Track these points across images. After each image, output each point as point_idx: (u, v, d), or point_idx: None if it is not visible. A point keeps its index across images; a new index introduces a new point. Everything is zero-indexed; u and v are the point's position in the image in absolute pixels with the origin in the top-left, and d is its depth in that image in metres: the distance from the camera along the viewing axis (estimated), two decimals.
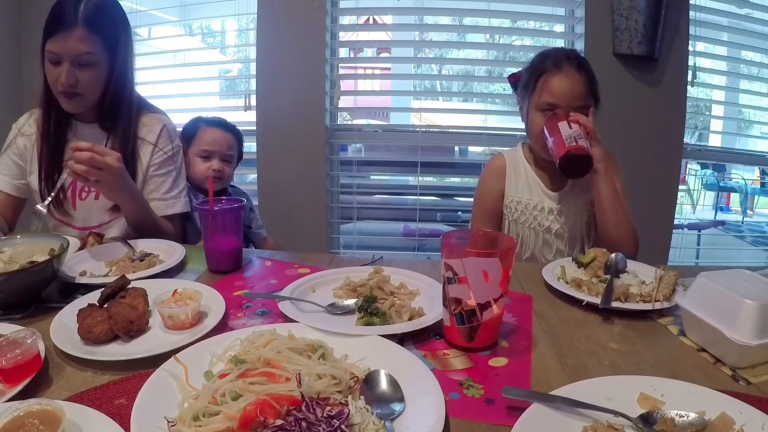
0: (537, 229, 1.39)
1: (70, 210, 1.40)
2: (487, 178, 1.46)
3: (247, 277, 1.09)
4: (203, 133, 1.76)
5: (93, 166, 1.11)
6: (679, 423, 0.57)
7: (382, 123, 3.24)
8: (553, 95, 1.29)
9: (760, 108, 2.98)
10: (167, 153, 1.43)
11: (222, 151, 1.76)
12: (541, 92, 1.31)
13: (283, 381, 0.60)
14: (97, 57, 1.26)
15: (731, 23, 2.49)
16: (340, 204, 2.51)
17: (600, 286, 0.97)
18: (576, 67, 1.31)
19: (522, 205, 1.40)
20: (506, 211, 1.42)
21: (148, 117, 1.43)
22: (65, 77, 1.23)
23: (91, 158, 1.11)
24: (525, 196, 1.40)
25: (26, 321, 0.85)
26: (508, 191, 1.41)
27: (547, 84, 1.30)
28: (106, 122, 1.38)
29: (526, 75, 1.38)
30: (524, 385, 0.69)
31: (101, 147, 1.16)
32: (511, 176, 1.42)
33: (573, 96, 1.29)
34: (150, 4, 2.56)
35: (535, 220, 1.39)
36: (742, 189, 4.78)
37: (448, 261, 0.75)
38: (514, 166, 1.43)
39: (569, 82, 1.29)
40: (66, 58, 1.22)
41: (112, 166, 1.14)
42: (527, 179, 1.42)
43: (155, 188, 1.42)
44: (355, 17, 2.47)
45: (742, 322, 0.71)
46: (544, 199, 1.39)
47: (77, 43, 1.21)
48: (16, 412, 0.54)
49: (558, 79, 1.29)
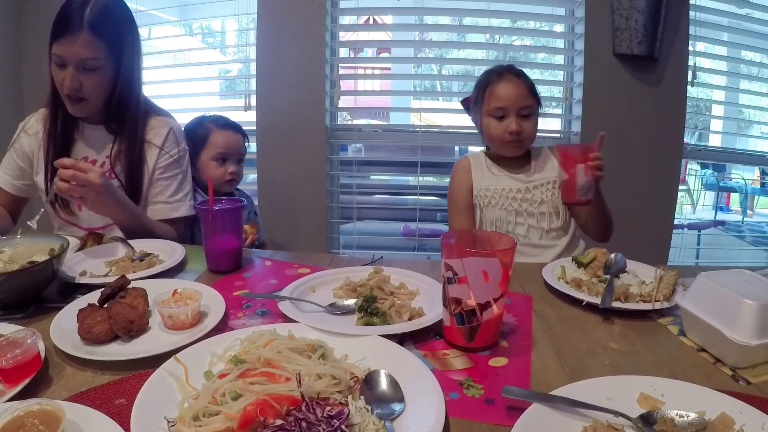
0: (508, 209, 1.50)
1: (75, 210, 1.40)
2: (455, 177, 1.60)
3: (247, 277, 1.09)
4: (216, 137, 1.72)
5: (76, 183, 1.11)
6: (679, 423, 0.57)
7: (382, 123, 3.24)
8: (500, 99, 1.45)
9: (760, 108, 2.97)
10: (173, 156, 1.43)
11: (236, 154, 1.76)
12: (490, 100, 1.47)
13: (283, 381, 0.60)
14: (102, 62, 1.26)
15: (731, 23, 2.49)
16: (340, 204, 2.51)
17: (600, 286, 0.97)
18: (515, 74, 1.49)
19: (490, 191, 1.52)
20: (477, 201, 1.54)
21: (155, 120, 1.43)
22: (70, 81, 1.23)
23: (73, 176, 1.11)
24: (492, 183, 1.53)
25: (26, 321, 0.85)
26: (476, 183, 1.54)
27: (494, 91, 1.47)
28: (112, 124, 1.38)
29: (475, 91, 1.55)
30: (524, 385, 0.69)
31: (83, 164, 1.16)
32: (476, 171, 1.56)
33: (518, 96, 1.44)
34: (150, 4, 2.56)
35: (505, 201, 1.50)
36: (742, 189, 4.78)
37: (448, 261, 0.75)
38: (477, 163, 1.57)
39: (511, 85, 1.46)
40: (71, 62, 1.23)
41: (94, 183, 1.13)
42: (491, 170, 1.56)
43: (161, 191, 1.42)
44: (355, 17, 2.46)
45: (742, 322, 0.71)
46: (510, 182, 1.52)
47: (82, 48, 1.21)
48: (16, 412, 0.54)
49: (502, 84, 1.46)
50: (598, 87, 2.26)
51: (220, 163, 1.72)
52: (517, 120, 1.44)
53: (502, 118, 1.46)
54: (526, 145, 1.51)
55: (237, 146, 1.76)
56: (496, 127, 1.46)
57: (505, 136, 1.45)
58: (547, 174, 1.52)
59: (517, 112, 1.44)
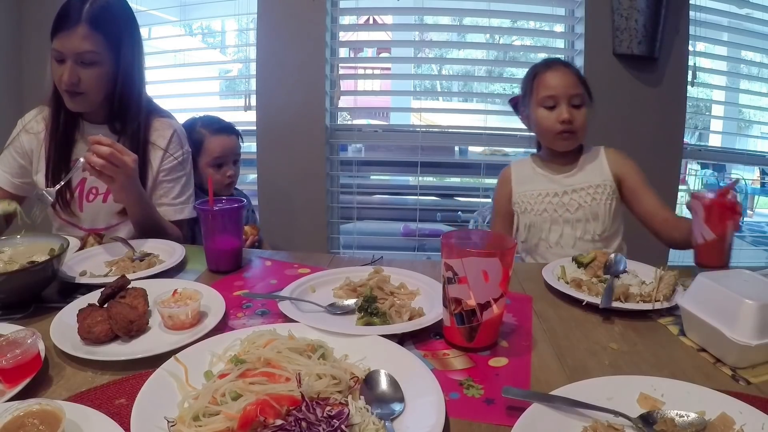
0: (543, 214, 1.45)
1: (77, 211, 1.40)
2: (498, 186, 1.60)
3: (247, 277, 1.09)
4: (212, 143, 1.73)
5: (111, 162, 1.11)
6: (679, 423, 0.57)
7: (382, 123, 3.24)
8: (550, 87, 1.41)
9: (760, 108, 2.97)
10: (177, 158, 1.43)
11: (232, 156, 1.76)
12: (538, 89, 1.43)
13: (283, 381, 0.60)
14: (100, 56, 1.26)
15: (731, 23, 2.49)
16: (340, 204, 2.51)
17: (600, 286, 0.97)
18: (563, 64, 1.47)
19: (527, 196, 1.48)
20: (516, 208, 1.51)
21: (159, 121, 1.43)
22: (68, 75, 1.23)
23: (111, 154, 1.11)
24: (529, 187, 1.49)
25: (26, 321, 0.85)
26: (515, 190, 1.52)
27: (543, 80, 1.43)
28: (115, 124, 1.38)
29: (523, 86, 1.52)
30: (524, 385, 0.69)
31: (121, 145, 1.16)
32: (516, 178, 1.54)
33: (567, 85, 1.40)
34: (150, 4, 2.56)
35: (540, 206, 1.46)
36: (742, 189, 4.78)
37: (448, 261, 0.75)
38: (518, 170, 1.55)
39: (560, 73, 1.42)
40: (69, 56, 1.23)
41: (129, 166, 1.15)
42: (531, 173, 1.52)
43: (164, 193, 1.42)
44: (355, 17, 2.47)
45: (742, 322, 0.71)
46: (547, 185, 1.47)
47: (80, 42, 1.22)
48: (16, 412, 0.54)
49: (550, 73, 1.43)
50: (598, 87, 2.23)
51: (217, 168, 1.72)
52: (569, 109, 1.38)
53: (552, 108, 1.40)
54: (579, 137, 1.43)
55: (232, 149, 1.77)
56: (547, 117, 1.40)
57: (557, 126, 1.39)
58: (589, 177, 1.44)
59: (568, 100, 1.38)
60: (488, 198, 2.68)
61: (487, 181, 2.60)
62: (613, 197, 1.43)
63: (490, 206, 1.82)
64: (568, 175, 1.46)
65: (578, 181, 1.45)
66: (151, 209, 1.33)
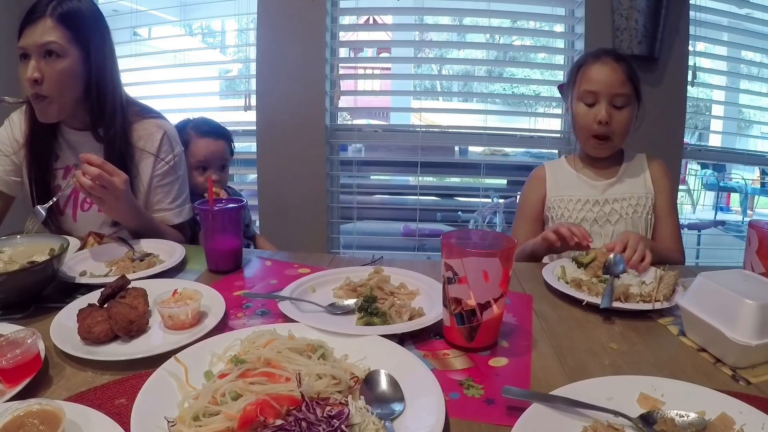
0: (583, 224, 1.35)
1: (71, 223, 1.38)
2: (528, 185, 1.48)
3: (247, 277, 1.09)
4: (196, 145, 1.70)
5: (99, 183, 1.10)
6: (679, 423, 0.57)
7: (382, 123, 3.25)
8: (592, 82, 1.31)
9: (760, 108, 2.98)
10: (169, 163, 1.39)
11: (217, 161, 1.74)
12: (581, 82, 1.33)
13: (283, 381, 0.60)
14: (63, 49, 1.20)
15: (731, 23, 2.49)
16: (340, 204, 2.51)
17: (600, 286, 0.97)
18: (614, 57, 1.32)
19: (564, 202, 1.39)
20: (549, 213, 1.42)
21: (146, 123, 1.37)
22: (30, 71, 1.19)
23: (99, 175, 1.09)
24: (567, 192, 1.40)
25: (26, 321, 0.85)
26: (550, 193, 1.42)
27: (587, 73, 1.32)
28: (98, 131, 1.32)
29: (569, 74, 1.41)
30: (524, 385, 0.69)
31: (111, 166, 1.13)
32: (552, 179, 1.44)
33: (611, 82, 1.29)
34: (150, 4, 2.56)
35: (579, 213, 1.37)
36: (742, 189, 4.79)
37: (448, 261, 0.75)
38: (554, 171, 1.45)
39: (607, 68, 1.30)
40: (32, 50, 1.19)
41: (118, 188, 1.12)
42: (569, 177, 1.42)
43: (161, 199, 1.39)
44: (355, 17, 2.47)
45: (742, 322, 0.71)
46: (587, 192, 1.38)
47: (42, 33, 1.18)
48: (16, 412, 0.54)
49: (596, 66, 1.31)
50: None
51: (201, 171, 1.71)
52: (609, 108, 1.27)
53: (592, 105, 1.30)
54: (616, 143, 1.34)
55: (217, 154, 1.73)
56: (584, 114, 1.31)
57: (593, 126, 1.29)
58: (632, 187, 1.35)
59: (610, 99, 1.28)
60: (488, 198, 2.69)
61: (487, 181, 2.60)
62: (651, 212, 1.36)
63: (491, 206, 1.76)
64: (611, 182, 1.37)
65: (621, 190, 1.36)
66: (147, 221, 1.29)
